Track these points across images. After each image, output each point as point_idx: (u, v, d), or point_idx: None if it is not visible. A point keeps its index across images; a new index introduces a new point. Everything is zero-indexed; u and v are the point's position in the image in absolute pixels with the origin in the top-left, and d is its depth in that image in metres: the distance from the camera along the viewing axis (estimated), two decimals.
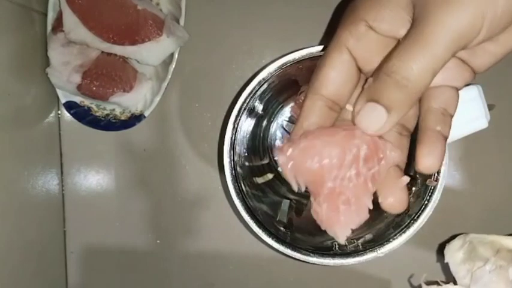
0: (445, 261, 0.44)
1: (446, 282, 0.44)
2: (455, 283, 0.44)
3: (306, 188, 0.28)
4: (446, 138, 0.28)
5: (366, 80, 0.29)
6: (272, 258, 0.51)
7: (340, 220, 0.27)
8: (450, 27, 0.23)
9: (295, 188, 0.28)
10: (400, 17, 0.26)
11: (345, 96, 0.28)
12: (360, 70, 0.28)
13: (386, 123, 0.25)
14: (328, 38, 0.32)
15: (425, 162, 0.27)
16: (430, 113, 0.28)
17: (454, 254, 0.44)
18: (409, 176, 0.42)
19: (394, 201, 0.28)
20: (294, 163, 0.27)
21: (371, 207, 0.28)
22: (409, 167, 0.43)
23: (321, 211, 0.27)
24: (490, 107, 0.42)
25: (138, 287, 0.54)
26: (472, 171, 0.50)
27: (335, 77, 0.28)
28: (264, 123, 0.50)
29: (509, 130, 0.50)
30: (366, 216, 0.28)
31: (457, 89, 0.29)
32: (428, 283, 0.44)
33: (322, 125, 0.28)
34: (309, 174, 0.27)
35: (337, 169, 0.27)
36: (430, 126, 0.28)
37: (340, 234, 0.28)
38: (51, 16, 0.50)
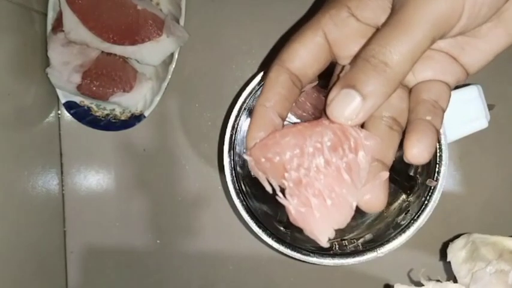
0: (448, 259, 0.44)
1: (447, 280, 0.44)
2: (455, 282, 0.44)
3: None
4: (437, 130, 0.26)
5: (342, 68, 0.28)
6: (272, 258, 0.51)
7: (315, 216, 0.24)
8: (429, 12, 0.23)
9: (269, 189, 0.26)
10: (382, 6, 0.26)
11: (309, 75, 0.28)
12: (333, 56, 0.28)
13: (361, 111, 0.24)
14: None
15: (413, 151, 0.25)
16: (420, 104, 0.27)
17: (457, 253, 0.44)
18: (409, 176, 0.43)
19: (371, 198, 0.26)
20: (257, 160, 0.25)
21: (354, 202, 0.25)
22: (409, 166, 0.43)
23: (291, 207, 0.25)
24: (490, 107, 0.42)
25: (138, 287, 0.54)
26: (472, 171, 0.50)
27: (303, 55, 0.27)
28: None
29: (509, 130, 0.50)
30: (350, 213, 0.25)
31: (449, 85, 0.28)
32: (428, 280, 0.44)
33: (286, 97, 0.27)
34: (272, 169, 0.25)
35: (298, 158, 0.25)
36: (420, 115, 0.27)
37: (318, 233, 0.24)
38: (51, 16, 0.50)
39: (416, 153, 0.25)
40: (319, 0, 0.50)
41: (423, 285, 0.43)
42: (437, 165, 0.38)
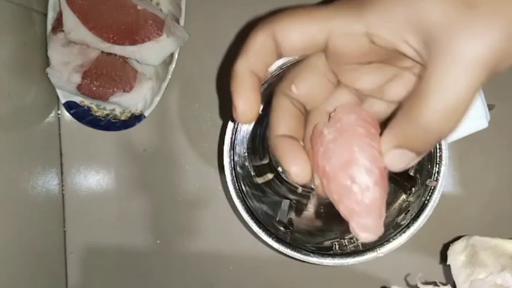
0: (448, 262, 0.44)
1: (445, 284, 0.44)
2: (454, 287, 0.44)
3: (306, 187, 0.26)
4: None
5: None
6: (272, 258, 0.51)
7: (354, 191, 0.23)
8: (471, 59, 0.20)
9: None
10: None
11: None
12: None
13: (414, 162, 0.24)
14: None
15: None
16: None
17: (457, 256, 0.44)
18: (409, 176, 0.43)
19: (297, 170, 0.25)
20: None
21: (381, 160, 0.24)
22: (407, 168, 0.43)
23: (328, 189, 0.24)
24: (490, 107, 0.42)
25: (138, 287, 0.54)
26: (472, 171, 0.50)
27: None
28: (264, 123, 0.49)
29: (509, 130, 0.50)
30: (382, 180, 0.24)
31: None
32: (426, 283, 0.44)
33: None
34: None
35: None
36: None
37: (367, 219, 0.23)
38: (51, 16, 0.50)
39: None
40: (319, 1, 0.50)
41: None
42: (437, 165, 0.38)
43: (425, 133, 0.22)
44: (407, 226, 0.38)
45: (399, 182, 0.43)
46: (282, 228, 0.43)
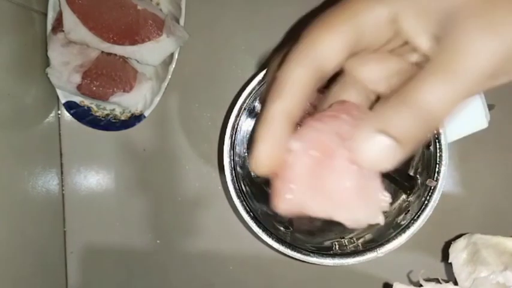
0: (449, 260, 0.44)
1: (447, 282, 0.44)
2: (455, 284, 0.44)
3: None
4: None
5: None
6: (272, 258, 0.51)
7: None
8: (483, 58, 0.20)
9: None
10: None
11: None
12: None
13: (395, 157, 0.21)
14: None
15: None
16: None
17: (458, 254, 0.44)
18: (409, 176, 0.43)
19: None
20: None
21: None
22: (408, 167, 0.43)
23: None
24: (490, 107, 0.42)
25: (138, 287, 0.54)
26: (472, 171, 0.50)
27: (298, 96, 0.23)
28: None
29: (509, 130, 0.50)
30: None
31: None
32: (428, 280, 0.44)
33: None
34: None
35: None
36: None
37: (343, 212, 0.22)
38: (51, 16, 0.50)
39: None
40: (320, 0, 0.50)
41: (422, 285, 0.43)
42: (437, 165, 0.38)
43: (418, 116, 0.20)
44: (408, 226, 0.38)
45: (399, 182, 0.43)
46: (282, 228, 0.43)
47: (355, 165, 0.22)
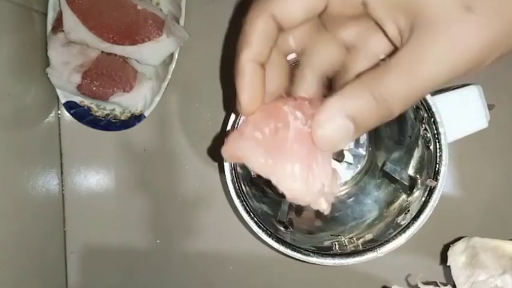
0: (448, 263, 0.44)
1: (445, 285, 0.44)
2: (454, 287, 0.44)
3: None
4: None
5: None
6: (272, 258, 0.51)
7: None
8: (445, 60, 0.21)
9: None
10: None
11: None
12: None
13: (348, 137, 0.23)
14: None
15: None
16: None
17: (457, 257, 0.44)
18: (409, 176, 0.43)
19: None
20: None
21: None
22: (407, 168, 0.43)
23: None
24: (490, 107, 0.42)
25: (138, 287, 0.54)
26: (472, 171, 0.50)
27: (263, 43, 0.25)
28: None
29: (509, 130, 0.50)
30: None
31: None
32: (426, 283, 0.44)
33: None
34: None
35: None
36: None
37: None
38: (51, 16, 0.50)
39: None
40: None
41: None
42: (437, 165, 0.38)
43: (377, 104, 0.22)
44: (407, 226, 0.38)
45: (399, 182, 0.43)
46: (282, 228, 0.43)
47: (308, 141, 0.24)
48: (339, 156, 0.50)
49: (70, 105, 0.51)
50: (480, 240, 0.44)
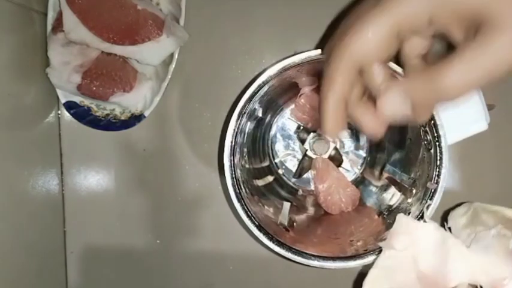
0: (447, 226, 0.44)
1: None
2: None
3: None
4: None
5: None
6: (272, 258, 0.51)
7: None
8: (505, 57, 0.24)
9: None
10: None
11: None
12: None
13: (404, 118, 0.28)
14: (327, 40, 0.31)
15: None
16: None
17: (457, 219, 0.44)
18: (410, 178, 0.43)
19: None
20: None
21: None
22: (408, 170, 0.43)
23: None
24: (490, 107, 0.42)
25: (138, 287, 0.55)
26: (472, 172, 0.50)
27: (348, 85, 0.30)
28: (264, 125, 0.49)
29: (509, 131, 0.50)
30: None
31: None
32: None
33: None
34: None
35: None
36: None
37: None
38: (51, 16, 0.49)
39: None
40: (318, 1, 0.50)
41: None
42: (437, 168, 0.38)
43: (435, 90, 0.26)
44: None
45: (400, 184, 0.43)
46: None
47: None
48: (337, 162, 0.50)
49: (70, 105, 0.51)
50: (481, 204, 0.44)
